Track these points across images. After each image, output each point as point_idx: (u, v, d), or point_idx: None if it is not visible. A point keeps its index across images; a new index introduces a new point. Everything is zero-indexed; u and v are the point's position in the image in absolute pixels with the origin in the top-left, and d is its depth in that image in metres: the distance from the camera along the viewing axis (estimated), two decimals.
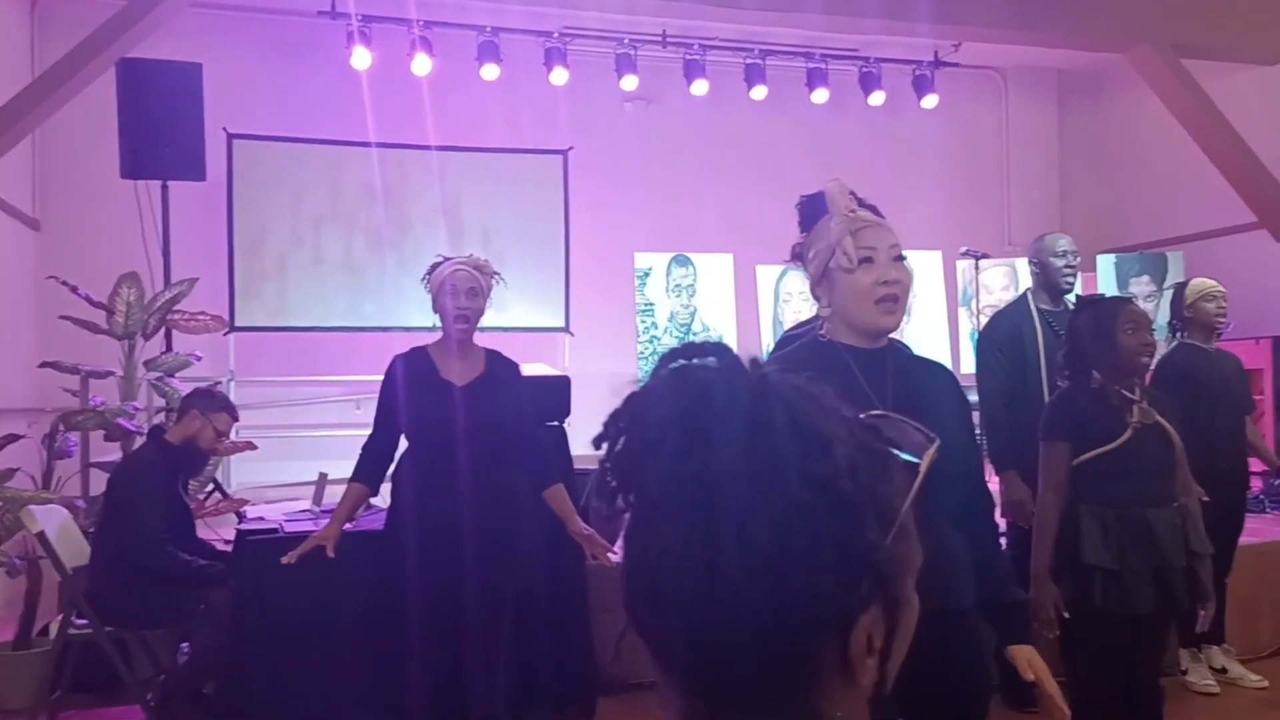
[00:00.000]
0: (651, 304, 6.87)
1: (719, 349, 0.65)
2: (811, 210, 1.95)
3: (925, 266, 7.56)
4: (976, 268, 5.60)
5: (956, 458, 1.89)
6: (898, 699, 1.68)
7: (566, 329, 7.32)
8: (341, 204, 7.05)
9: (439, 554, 2.88)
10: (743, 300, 7.31)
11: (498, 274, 3.17)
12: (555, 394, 4.02)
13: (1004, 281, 7.49)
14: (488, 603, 2.92)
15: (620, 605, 0.66)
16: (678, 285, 6.93)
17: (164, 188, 5.54)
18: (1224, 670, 4.27)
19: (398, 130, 7.05)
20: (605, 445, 0.64)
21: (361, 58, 7.00)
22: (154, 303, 4.99)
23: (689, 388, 0.62)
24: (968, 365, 5.82)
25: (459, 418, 2.96)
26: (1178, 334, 4.29)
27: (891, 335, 1.94)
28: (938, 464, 1.93)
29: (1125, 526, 2.64)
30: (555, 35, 7.48)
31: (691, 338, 7.07)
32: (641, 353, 6.87)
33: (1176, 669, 4.22)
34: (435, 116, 7.02)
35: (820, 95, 8.16)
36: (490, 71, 7.28)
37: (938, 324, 7.65)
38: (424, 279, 3.16)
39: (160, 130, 5.31)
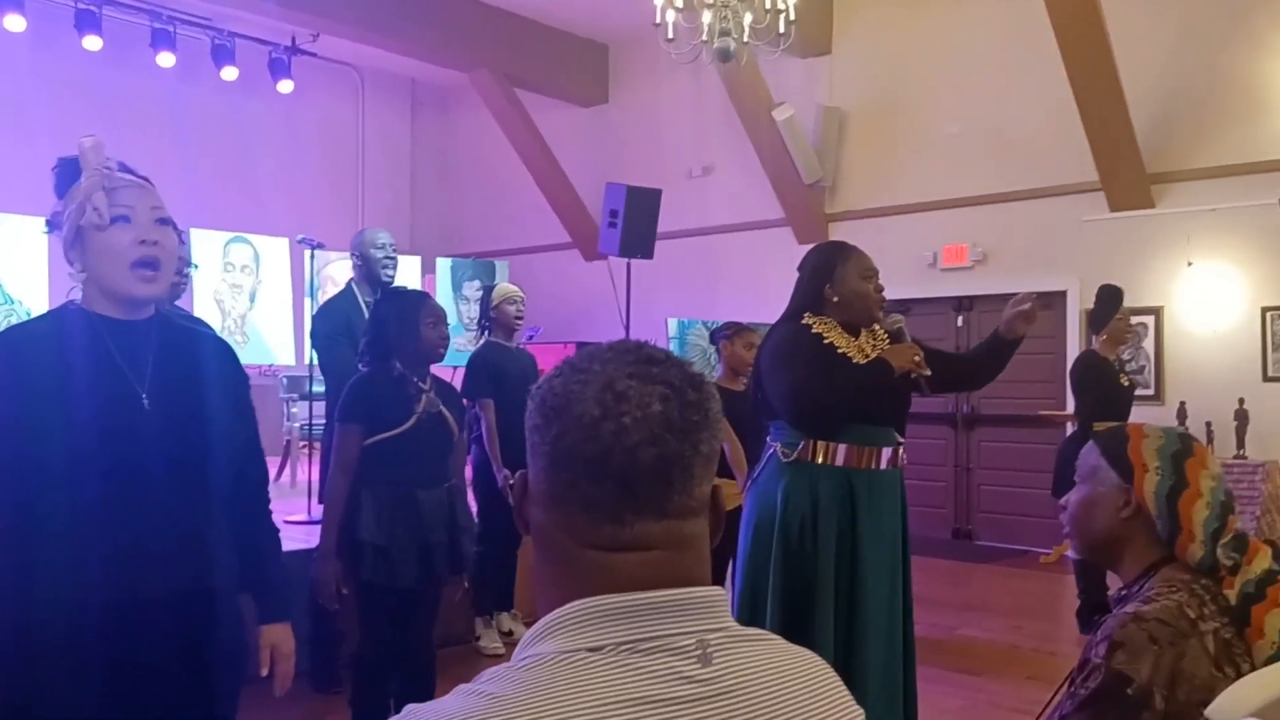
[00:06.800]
0: None
1: None
2: (68, 173, 1.78)
3: (271, 252, 7.40)
4: (312, 257, 5.61)
5: (224, 435, 1.83)
6: (115, 683, 1.59)
7: None
8: None
9: None
10: (56, 269, 6.48)
11: None
12: None
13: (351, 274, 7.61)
14: None
15: None
16: None
17: None
18: (511, 633, 4.79)
19: None
20: None
21: None
22: None
23: None
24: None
25: None
26: (485, 331, 4.75)
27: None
28: (200, 441, 1.82)
29: (398, 505, 2.82)
30: None
31: None
32: None
33: (472, 636, 4.64)
34: None
35: (166, 59, 7.60)
36: None
37: (283, 311, 7.54)
38: None
39: None
